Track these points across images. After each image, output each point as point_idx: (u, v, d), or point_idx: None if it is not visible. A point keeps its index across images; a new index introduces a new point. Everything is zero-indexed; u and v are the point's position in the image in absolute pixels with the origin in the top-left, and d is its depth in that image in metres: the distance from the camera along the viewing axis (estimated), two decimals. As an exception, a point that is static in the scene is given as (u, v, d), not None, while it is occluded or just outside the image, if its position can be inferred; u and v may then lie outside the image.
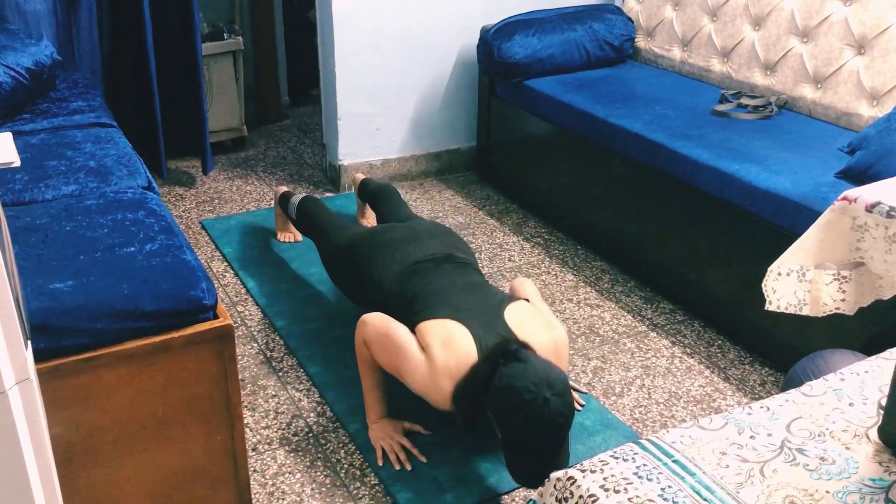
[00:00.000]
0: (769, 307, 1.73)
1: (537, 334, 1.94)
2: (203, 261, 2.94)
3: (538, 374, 1.74)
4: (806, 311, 1.70)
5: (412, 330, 1.95)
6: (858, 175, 2.25)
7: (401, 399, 2.16)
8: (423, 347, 1.90)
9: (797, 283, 1.69)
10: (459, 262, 2.22)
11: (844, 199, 1.58)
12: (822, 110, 2.81)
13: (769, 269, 1.72)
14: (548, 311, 2.12)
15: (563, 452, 1.77)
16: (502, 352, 1.82)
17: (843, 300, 1.69)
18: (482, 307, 2.00)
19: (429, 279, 2.10)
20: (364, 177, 3.09)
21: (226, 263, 2.93)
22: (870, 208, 1.52)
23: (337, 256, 2.44)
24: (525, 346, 1.86)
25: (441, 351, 1.87)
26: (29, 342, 0.97)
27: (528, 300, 2.10)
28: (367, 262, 2.27)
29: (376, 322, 1.99)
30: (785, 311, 1.73)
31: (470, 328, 1.91)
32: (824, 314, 1.73)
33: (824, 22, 2.79)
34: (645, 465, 1.23)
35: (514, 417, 1.73)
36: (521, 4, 3.56)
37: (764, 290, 1.71)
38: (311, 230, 2.66)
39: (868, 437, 1.29)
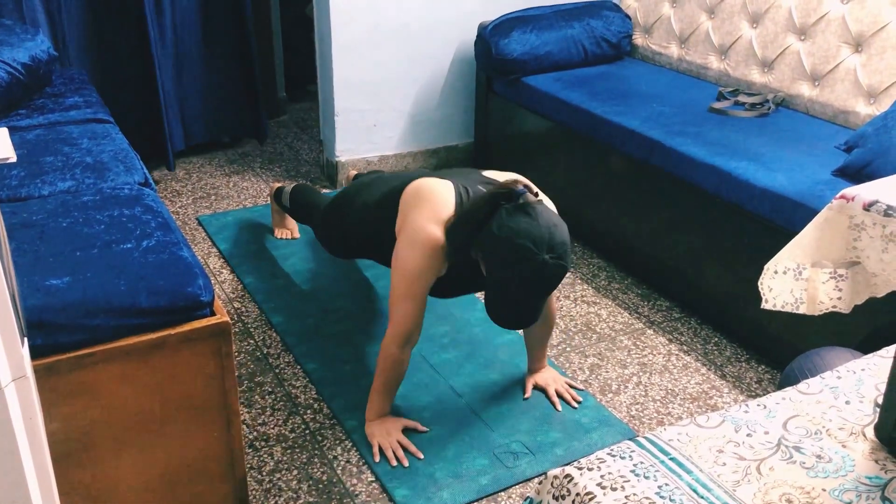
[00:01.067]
0: (765, 306, 1.73)
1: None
2: (200, 257, 2.93)
3: (542, 232, 1.68)
4: (803, 310, 1.70)
5: (397, 204, 1.99)
6: (855, 173, 2.25)
7: (400, 395, 2.17)
8: (405, 213, 1.94)
9: (794, 281, 1.69)
10: None
11: (842, 197, 1.58)
12: (819, 108, 2.81)
13: (765, 267, 1.72)
14: None
15: (543, 303, 1.77)
16: (507, 193, 1.75)
17: (839, 298, 1.69)
18: (458, 171, 2.06)
19: (408, 175, 2.16)
20: (357, 173, 3.10)
21: (223, 260, 2.93)
22: (867, 207, 1.52)
23: (327, 214, 2.46)
24: (531, 190, 1.79)
25: (421, 204, 1.90)
26: (25, 339, 0.97)
27: None
28: (352, 196, 2.31)
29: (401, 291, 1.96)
30: (781, 310, 1.73)
31: (448, 179, 1.95)
32: (821, 312, 1.73)
33: (822, 20, 2.79)
34: (642, 462, 1.23)
35: (506, 271, 1.69)
36: (518, 1, 3.56)
37: (760, 289, 1.71)
38: (305, 212, 2.68)
39: (864, 435, 1.29)
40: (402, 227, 1.96)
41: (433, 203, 1.90)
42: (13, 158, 1.59)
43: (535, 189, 1.86)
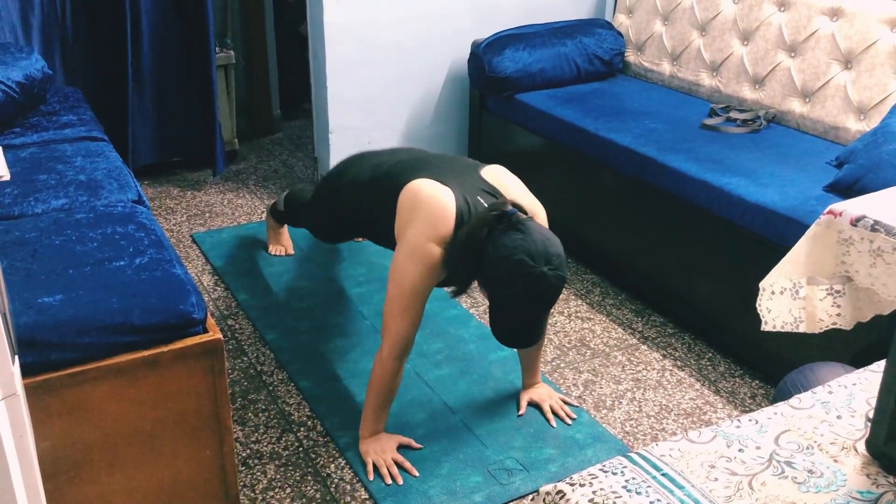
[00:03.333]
0: (765, 328, 1.72)
1: (522, 195, 1.94)
2: (194, 274, 2.93)
3: (536, 246, 1.70)
4: (803, 329, 1.70)
5: (394, 196, 1.96)
6: (846, 188, 2.26)
7: (394, 410, 2.16)
8: (404, 220, 1.91)
9: (791, 300, 1.69)
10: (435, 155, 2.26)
11: (830, 212, 1.59)
12: (810, 124, 2.83)
13: (761, 286, 1.72)
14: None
15: (546, 317, 1.80)
16: (498, 216, 1.77)
17: (839, 315, 1.69)
18: (457, 167, 2.01)
19: (401, 157, 2.14)
20: None
21: (216, 277, 2.93)
22: (854, 222, 1.53)
23: (316, 198, 2.46)
24: (520, 208, 1.81)
25: (421, 217, 1.87)
26: (16, 357, 0.97)
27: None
28: (341, 174, 2.31)
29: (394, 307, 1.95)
30: (782, 330, 1.73)
31: (449, 185, 1.91)
32: (821, 330, 1.73)
33: (811, 37, 2.82)
34: (634, 478, 1.23)
35: (506, 288, 1.70)
36: (511, 19, 3.59)
37: (759, 311, 1.71)
38: (297, 207, 2.70)
39: (856, 450, 1.30)
40: (400, 236, 1.94)
41: (433, 217, 1.87)
42: (7, 177, 1.59)
43: (524, 207, 1.87)
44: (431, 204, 1.89)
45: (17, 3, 3.03)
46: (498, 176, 2.02)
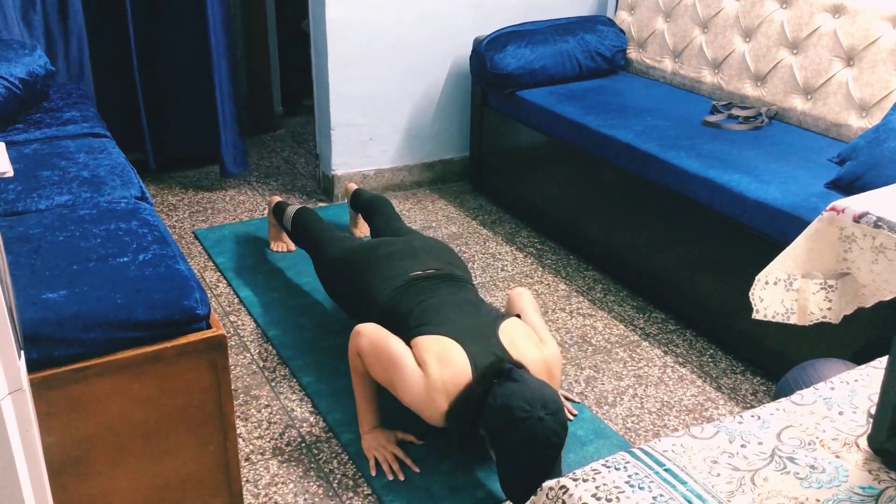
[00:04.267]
0: (756, 316, 1.74)
1: (530, 353, 1.95)
2: (196, 271, 2.94)
3: (532, 393, 1.75)
4: (793, 320, 1.71)
5: (407, 344, 1.96)
6: (848, 185, 2.27)
7: (394, 409, 2.16)
8: (419, 363, 1.91)
9: (784, 292, 1.70)
10: (455, 279, 2.23)
11: (832, 209, 1.59)
12: (811, 121, 2.83)
13: (756, 277, 1.73)
14: (542, 326, 2.12)
15: (556, 470, 1.78)
16: (497, 371, 1.83)
17: (829, 309, 1.70)
18: (476, 325, 2.00)
19: (424, 296, 2.11)
20: (357, 187, 3.10)
21: (219, 273, 2.93)
22: (857, 219, 1.53)
23: (332, 269, 2.44)
24: (519, 365, 1.87)
25: (436, 367, 1.88)
26: (22, 352, 0.97)
27: (520, 316, 2.10)
28: (363, 276, 2.27)
29: (372, 334, 1.99)
30: (772, 320, 1.74)
31: (465, 346, 1.92)
32: (811, 323, 1.74)
33: (813, 34, 2.82)
34: (637, 473, 1.24)
35: (509, 437, 1.74)
36: (513, 16, 3.59)
37: (751, 299, 1.72)
38: (306, 242, 2.66)
39: (858, 446, 1.30)
40: (417, 364, 1.93)
41: (449, 370, 1.88)
42: (10, 173, 1.59)
43: (527, 364, 1.90)
44: (446, 366, 1.89)
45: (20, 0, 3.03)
46: (511, 335, 1.99)
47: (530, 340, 2.00)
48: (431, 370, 1.87)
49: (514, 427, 1.73)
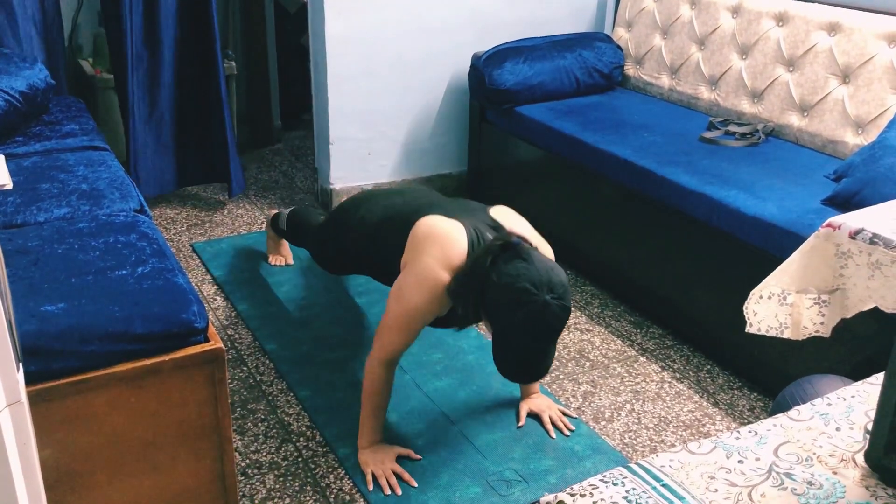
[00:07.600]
0: (749, 329, 1.75)
1: (528, 231, 1.95)
2: (194, 284, 2.93)
3: (540, 275, 1.70)
4: (787, 335, 1.72)
5: (406, 231, 1.97)
6: (844, 202, 2.28)
7: (392, 421, 2.16)
8: (418, 245, 1.92)
9: (778, 306, 1.71)
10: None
11: (829, 225, 1.60)
12: (808, 138, 2.85)
13: (751, 292, 1.74)
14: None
15: (552, 351, 1.76)
16: (502, 245, 1.78)
17: (821, 323, 1.71)
18: (466, 207, 2.04)
19: (412, 197, 2.16)
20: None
21: (216, 287, 2.93)
22: (853, 235, 1.54)
23: (325, 227, 2.46)
24: (525, 240, 1.82)
25: (433, 245, 1.88)
26: (20, 365, 0.97)
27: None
28: (351, 211, 2.31)
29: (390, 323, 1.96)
30: (766, 334, 1.75)
31: (461, 221, 1.93)
32: (804, 337, 1.75)
33: (809, 51, 2.84)
34: (634, 489, 1.23)
35: (510, 317, 1.70)
36: (511, 32, 3.61)
37: (745, 313, 1.73)
38: (301, 230, 2.69)
39: (855, 462, 1.30)
40: (409, 262, 1.95)
41: (445, 247, 1.88)
42: (9, 185, 1.60)
43: (530, 239, 1.88)
44: (444, 235, 1.90)
45: (21, 12, 3.05)
46: (505, 215, 2.04)
47: (524, 221, 2.02)
48: (429, 249, 1.88)
49: (516, 308, 1.68)
